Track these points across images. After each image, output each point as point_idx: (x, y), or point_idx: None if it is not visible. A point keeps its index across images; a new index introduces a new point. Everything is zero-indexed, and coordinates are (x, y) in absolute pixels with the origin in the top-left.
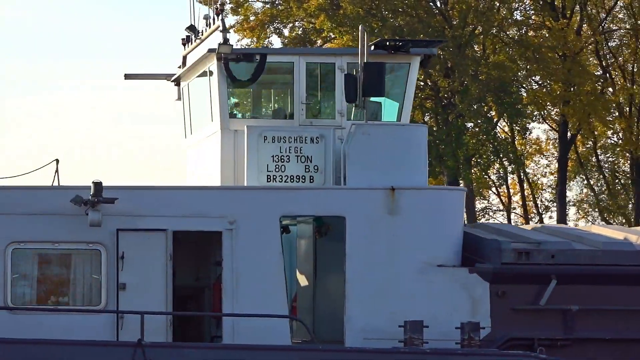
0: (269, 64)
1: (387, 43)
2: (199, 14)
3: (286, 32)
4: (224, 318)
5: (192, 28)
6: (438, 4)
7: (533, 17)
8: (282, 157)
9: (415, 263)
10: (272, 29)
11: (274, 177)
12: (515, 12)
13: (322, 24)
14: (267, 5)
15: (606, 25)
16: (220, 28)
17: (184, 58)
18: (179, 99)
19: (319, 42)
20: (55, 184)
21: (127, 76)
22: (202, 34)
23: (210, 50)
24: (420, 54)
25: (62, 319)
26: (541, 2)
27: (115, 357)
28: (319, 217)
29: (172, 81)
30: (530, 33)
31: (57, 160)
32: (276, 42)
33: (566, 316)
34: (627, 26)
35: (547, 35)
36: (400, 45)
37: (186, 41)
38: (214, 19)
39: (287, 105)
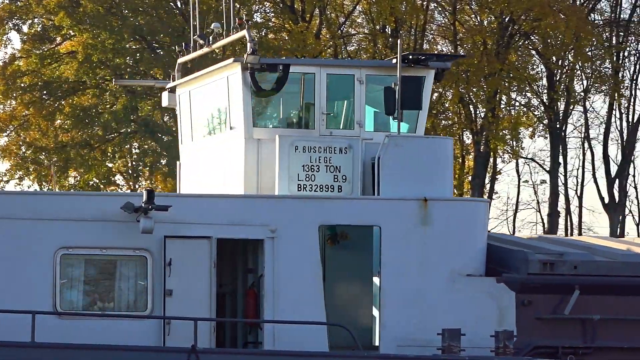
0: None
1: (410, 57)
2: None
3: (25, 28)
4: (265, 324)
5: (202, 36)
6: (179, 4)
7: (273, 20)
8: (312, 167)
9: (446, 272)
10: (10, 25)
11: (304, 186)
12: (255, 14)
13: (62, 20)
14: (6, 1)
15: (345, 30)
16: (248, 39)
17: (180, 65)
18: (170, 105)
19: (59, 39)
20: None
21: (117, 81)
22: (208, 44)
23: (236, 60)
24: (435, 68)
25: (109, 324)
26: (281, 5)
27: None
28: (333, 226)
29: (168, 88)
30: (270, 36)
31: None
32: (15, 38)
33: (587, 325)
34: (366, 30)
35: (286, 38)
36: (421, 59)
37: (183, 50)
38: (229, 30)
39: (306, 114)
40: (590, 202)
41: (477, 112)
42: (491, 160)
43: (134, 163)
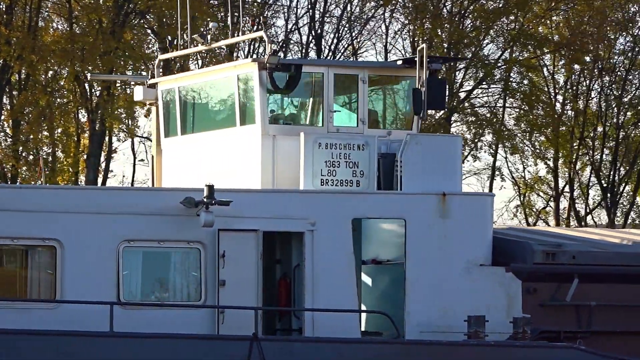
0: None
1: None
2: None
3: None
4: (305, 312)
5: (202, 36)
6: None
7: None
8: (334, 163)
9: (462, 263)
10: None
11: (327, 181)
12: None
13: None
14: None
15: None
16: (267, 40)
17: (160, 61)
18: (145, 99)
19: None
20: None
21: (93, 76)
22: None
23: (255, 60)
24: (430, 68)
25: (166, 314)
26: None
27: (232, 350)
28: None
29: (147, 83)
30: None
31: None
32: None
33: (585, 311)
34: None
35: None
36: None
37: (167, 47)
38: (238, 31)
39: (314, 112)
40: None
41: (93, 90)
42: (107, 138)
43: None
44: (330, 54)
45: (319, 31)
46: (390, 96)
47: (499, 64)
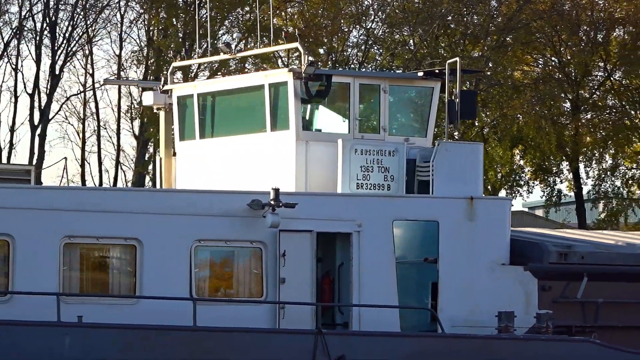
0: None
1: (437, 71)
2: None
3: None
4: (353, 308)
5: (228, 45)
6: None
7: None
8: (368, 168)
9: (487, 262)
10: None
11: (362, 184)
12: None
13: None
14: None
15: None
16: (303, 52)
17: (174, 68)
18: (155, 104)
19: None
20: (64, 181)
21: (106, 81)
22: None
23: (291, 70)
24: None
25: (230, 309)
26: None
27: (298, 343)
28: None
29: (162, 89)
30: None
31: (66, 159)
32: None
33: (592, 307)
34: None
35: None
36: (440, 72)
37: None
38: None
39: (343, 119)
40: None
41: None
42: None
43: None
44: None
45: (54, 18)
46: (407, 105)
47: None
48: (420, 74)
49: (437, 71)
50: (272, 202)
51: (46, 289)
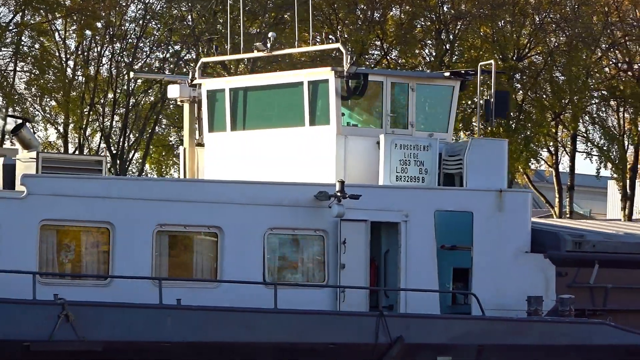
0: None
1: (461, 72)
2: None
3: None
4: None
5: (264, 43)
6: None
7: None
8: (406, 162)
9: (512, 250)
10: None
11: (400, 177)
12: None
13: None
14: None
15: None
16: (344, 52)
17: (202, 64)
18: (181, 97)
19: None
20: None
21: (136, 74)
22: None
23: (333, 69)
24: (463, 79)
25: (295, 293)
26: None
27: (362, 325)
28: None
29: (191, 84)
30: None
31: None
32: None
33: (602, 292)
34: None
35: None
36: (465, 73)
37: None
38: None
39: (377, 115)
40: None
41: None
42: None
43: None
44: None
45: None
46: (429, 102)
47: (10, 27)
48: (447, 74)
49: (462, 72)
50: (338, 194)
51: (141, 274)
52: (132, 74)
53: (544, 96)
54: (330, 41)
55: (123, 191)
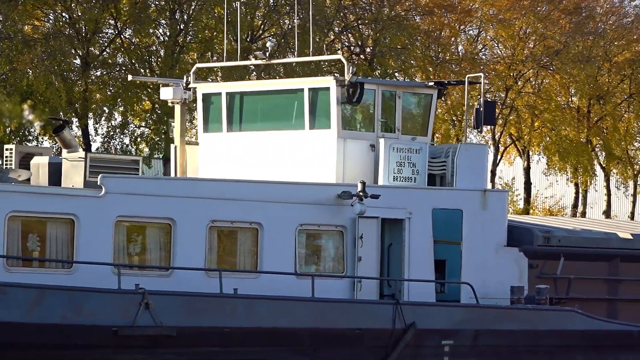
0: None
1: (447, 83)
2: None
3: None
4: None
5: (264, 52)
6: None
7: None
8: (401, 163)
9: (493, 244)
10: None
11: (397, 177)
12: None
13: None
14: None
15: None
16: (346, 63)
17: (197, 69)
18: (174, 99)
19: None
20: None
21: (134, 77)
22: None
23: (335, 78)
24: (439, 88)
25: (319, 282)
26: None
27: (378, 311)
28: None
29: (187, 88)
30: None
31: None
32: None
33: (566, 282)
34: None
35: None
36: (446, 83)
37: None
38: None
39: (366, 120)
40: None
41: None
42: None
43: None
44: None
45: None
46: (411, 108)
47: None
48: (431, 83)
49: (442, 82)
50: (360, 193)
51: (196, 265)
52: (129, 77)
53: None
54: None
55: (183, 190)
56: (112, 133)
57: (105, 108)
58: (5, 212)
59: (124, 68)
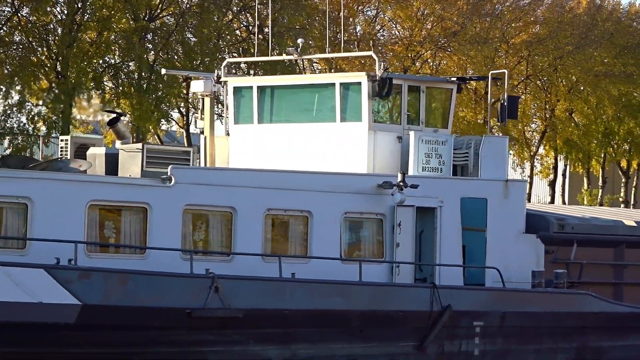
0: None
1: (467, 78)
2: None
3: None
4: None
5: (296, 49)
6: None
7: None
8: (430, 154)
9: (514, 231)
10: None
11: (425, 168)
12: None
13: None
14: None
15: None
16: (377, 60)
17: (228, 63)
18: (205, 91)
19: None
20: None
21: (168, 71)
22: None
23: (367, 74)
24: (459, 84)
25: (358, 267)
26: None
27: (418, 294)
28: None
29: (218, 81)
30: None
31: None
32: None
33: (578, 267)
34: None
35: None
36: (467, 79)
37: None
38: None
39: (395, 114)
40: None
41: None
42: None
43: None
44: None
45: None
46: (434, 102)
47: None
48: (453, 79)
49: (463, 77)
50: (401, 183)
51: (254, 251)
52: (163, 71)
53: (176, 57)
54: None
55: (243, 180)
56: (9, 112)
57: (1, 86)
58: (86, 201)
59: (20, 46)
